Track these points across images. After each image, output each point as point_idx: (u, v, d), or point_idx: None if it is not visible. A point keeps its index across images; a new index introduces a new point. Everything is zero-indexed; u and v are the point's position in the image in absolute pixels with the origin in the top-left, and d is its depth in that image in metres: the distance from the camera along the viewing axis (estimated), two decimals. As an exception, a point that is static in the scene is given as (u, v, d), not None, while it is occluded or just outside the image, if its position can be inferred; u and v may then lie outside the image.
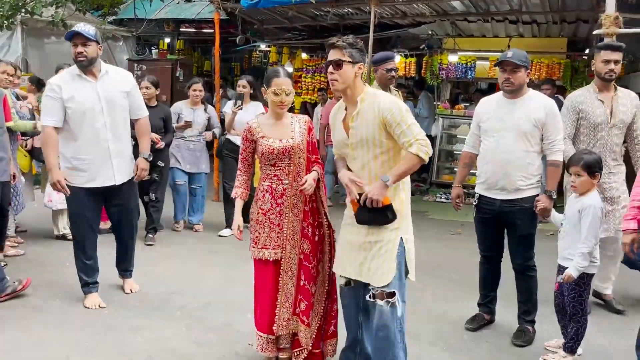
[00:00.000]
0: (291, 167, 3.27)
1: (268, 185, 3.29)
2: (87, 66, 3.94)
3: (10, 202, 4.98)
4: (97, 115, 3.95)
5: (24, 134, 5.37)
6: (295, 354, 3.34)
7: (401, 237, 2.99)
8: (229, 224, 6.28)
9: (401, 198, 3.02)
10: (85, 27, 3.92)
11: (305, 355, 3.34)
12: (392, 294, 2.95)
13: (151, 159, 4.32)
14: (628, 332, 4.05)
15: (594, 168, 3.40)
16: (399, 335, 3.01)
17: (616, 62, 4.16)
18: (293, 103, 3.35)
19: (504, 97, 3.81)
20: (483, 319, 4.10)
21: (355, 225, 3.06)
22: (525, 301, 3.89)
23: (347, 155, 3.13)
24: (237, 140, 6.12)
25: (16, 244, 5.41)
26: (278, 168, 3.27)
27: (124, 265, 4.52)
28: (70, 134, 3.99)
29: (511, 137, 3.71)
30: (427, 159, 2.92)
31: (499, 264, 4.06)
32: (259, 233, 3.31)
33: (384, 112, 2.89)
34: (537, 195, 3.75)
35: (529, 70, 3.76)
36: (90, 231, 4.19)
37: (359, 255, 3.04)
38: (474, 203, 3.99)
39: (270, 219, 3.28)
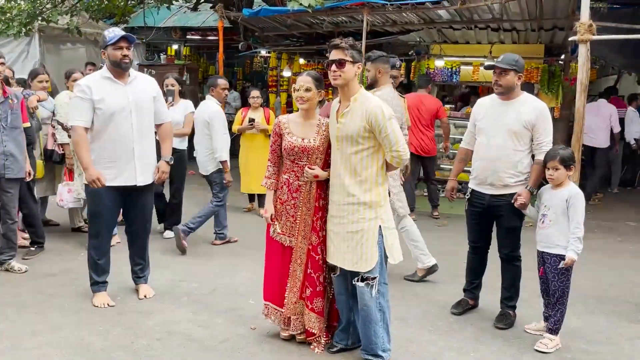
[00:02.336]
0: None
1: (286, 179, 3.33)
2: (128, 69, 3.85)
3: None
4: (125, 117, 3.82)
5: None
6: (316, 340, 3.35)
7: (380, 226, 3.08)
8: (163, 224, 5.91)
9: (378, 191, 3.10)
10: (127, 33, 3.81)
11: (324, 342, 3.37)
12: (374, 278, 3.07)
13: (172, 162, 4.12)
14: (600, 315, 4.06)
15: (568, 162, 3.42)
16: (379, 314, 3.12)
17: None
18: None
19: (498, 98, 3.77)
20: (467, 304, 4.08)
21: (338, 217, 3.16)
22: (509, 288, 3.87)
23: (332, 146, 3.20)
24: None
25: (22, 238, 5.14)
26: (296, 165, 3.29)
27: (139, 269, 4.21)
28: (96, 134, 3.84)
29: (501, 136, 3.68)
30: (400, 166, 3.19)
31: (485, 254, 4.04)
32: (277, 219, 3.36)
33: (370, 116, 2.99)
34: None
35: (520, 74, 3.65)
36: (105, 230, 3.99)
37: (343, 245, 3.13)
38: (466, 197, 3.98)
39: (287, 209, 3.33)
